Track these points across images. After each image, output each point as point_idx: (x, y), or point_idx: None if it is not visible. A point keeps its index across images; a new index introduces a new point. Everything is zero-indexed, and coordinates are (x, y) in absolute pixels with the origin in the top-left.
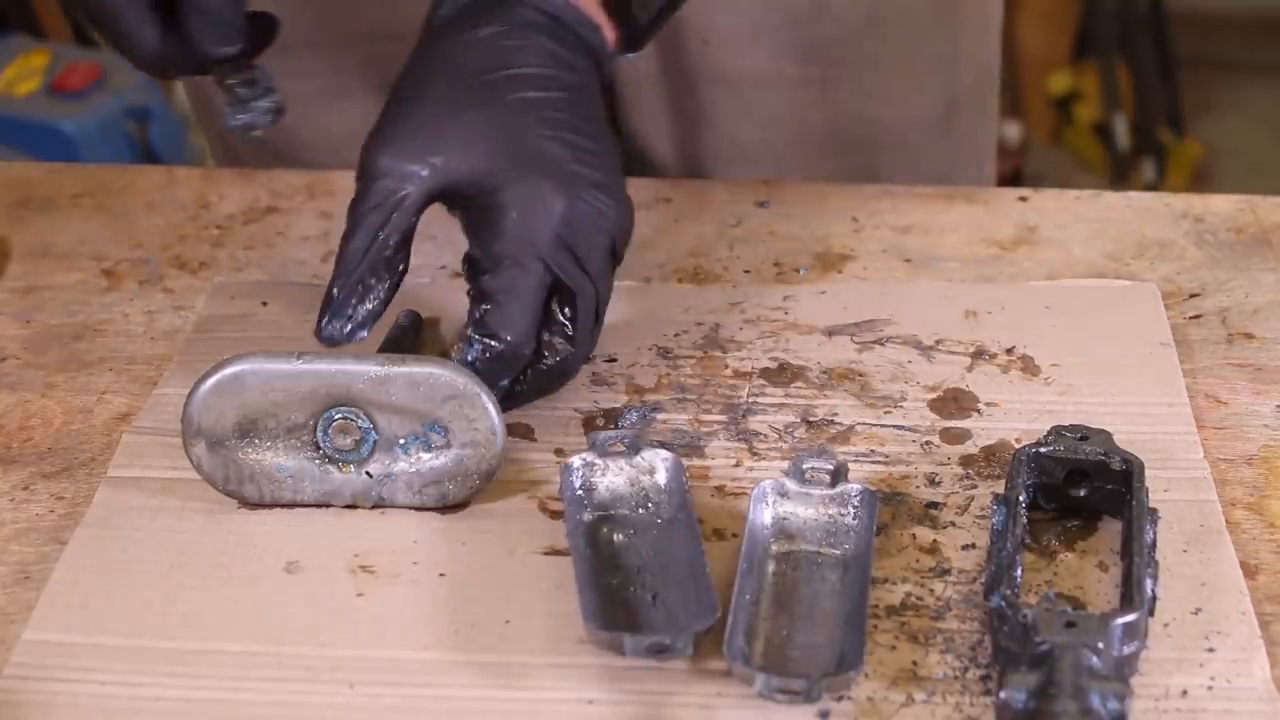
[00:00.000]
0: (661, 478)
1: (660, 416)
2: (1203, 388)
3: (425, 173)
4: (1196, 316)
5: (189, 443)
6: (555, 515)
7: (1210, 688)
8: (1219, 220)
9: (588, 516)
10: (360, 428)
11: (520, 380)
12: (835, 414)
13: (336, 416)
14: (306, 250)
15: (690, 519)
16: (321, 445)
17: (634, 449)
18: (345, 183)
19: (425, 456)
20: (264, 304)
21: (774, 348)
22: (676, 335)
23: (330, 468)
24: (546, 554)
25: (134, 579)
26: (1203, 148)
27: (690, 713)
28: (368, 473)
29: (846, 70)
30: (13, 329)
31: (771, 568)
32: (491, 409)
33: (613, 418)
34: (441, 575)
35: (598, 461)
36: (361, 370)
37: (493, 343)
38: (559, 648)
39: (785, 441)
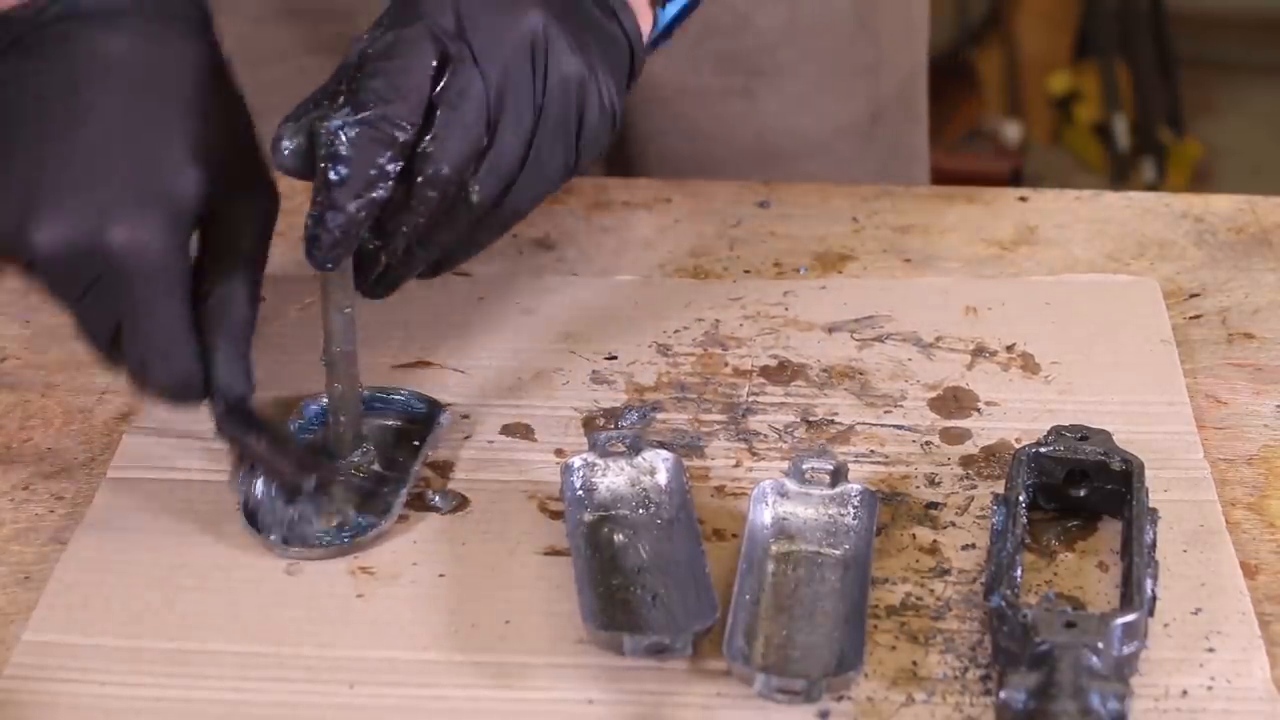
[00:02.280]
0: (662, 478)
1: (660, 416)
2: (1203, 388)
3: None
4: (1196, 316)
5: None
6: (555, 515)
7: (1210, 688)
8: (1219, 220)
9: (588, 517)
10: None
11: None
12: (835, 414)
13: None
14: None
15: (691, 520)
16: (335, 510)
17: (635, 449)
18: None
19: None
20: (262, 298)
21: (774, 345)
22: (676, 332)
23: (356, 507)
24: (546, 554)
25: (134, 579)
26: (1203, 148)
27: (690, 713)
28: (376, 471)
29: (768, 80)
30: (13, 329)
31: (771, 568)
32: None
33: (613, 417)
34: (441, 575)
35: (598, 462)
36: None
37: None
38: (559, 648)
39: (785, 441)
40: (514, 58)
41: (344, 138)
